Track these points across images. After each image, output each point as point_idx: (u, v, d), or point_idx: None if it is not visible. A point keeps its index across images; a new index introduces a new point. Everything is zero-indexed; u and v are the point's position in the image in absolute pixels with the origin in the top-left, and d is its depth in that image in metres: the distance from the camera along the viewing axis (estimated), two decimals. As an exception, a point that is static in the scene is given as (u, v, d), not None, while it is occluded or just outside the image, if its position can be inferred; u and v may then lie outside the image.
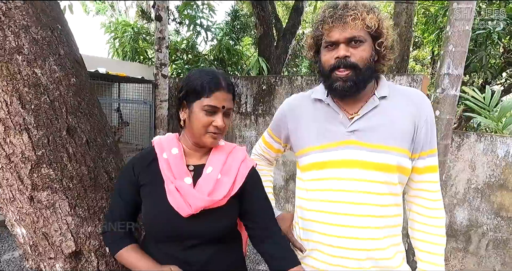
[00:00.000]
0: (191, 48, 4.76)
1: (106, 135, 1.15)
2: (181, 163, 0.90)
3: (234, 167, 0.93)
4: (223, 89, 0.86)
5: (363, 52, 0.85)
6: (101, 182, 1.08)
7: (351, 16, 0.83)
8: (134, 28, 4.65)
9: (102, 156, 1.10)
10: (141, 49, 4.79)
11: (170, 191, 0.86)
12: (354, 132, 0.90)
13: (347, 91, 0.87)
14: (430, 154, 0.92)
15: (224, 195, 0.87)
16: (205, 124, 0.86)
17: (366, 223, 0.87)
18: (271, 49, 4.40)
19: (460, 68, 1.58)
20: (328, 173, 0.92)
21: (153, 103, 3.75)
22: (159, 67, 3.65)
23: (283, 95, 3.24)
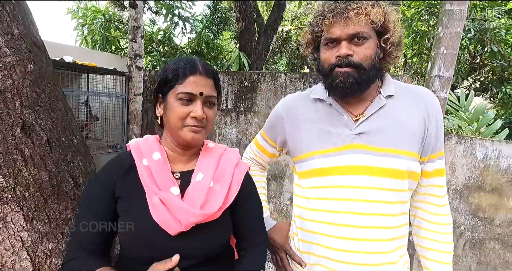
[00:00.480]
0: (168, 40, 4.50)
1: (72, 133, 0.98)
2: (165, 170, 0.76)
3: (227, 172, 0.81)
4: (200, 74, 0.73)
5: (367, 49, 0.77)
6: (65, 189, 0.91)
7: (354, 10, 0.74)
8: (105, 15, 4.30)
9: (67, 158, 0.93)
10: (113, 39, 4.46)
11: (153, 205, 0.71)
12: (360, 135, 0.82)
13: (348, 88, 0.79)
14: (440, 156, 0.86)
15: (219, 206, 0.74)
16: (181, 115, 0.73)
17: (376, 235, 0.79)
18: (252, 44, 4.28)
19: (450, 71, 1.57)
20: (332, 180, 0.83)
21: (126, 97, 3.48)
22: (133, 58, 3.39)
23: (265, 93, 3.14)
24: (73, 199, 0.93)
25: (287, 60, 8.66)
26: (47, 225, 0.86)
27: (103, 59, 3.66)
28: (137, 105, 3.57)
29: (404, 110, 0.83)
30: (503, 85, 5.87)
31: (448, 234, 0.87)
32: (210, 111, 0.76)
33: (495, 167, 2.08)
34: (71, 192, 0.93)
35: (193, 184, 0.76)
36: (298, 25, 8.51)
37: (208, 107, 0.76)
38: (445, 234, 0.87)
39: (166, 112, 0.76)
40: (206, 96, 0.74)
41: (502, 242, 2.11)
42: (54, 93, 0.93)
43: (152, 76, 4.10)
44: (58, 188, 0.89)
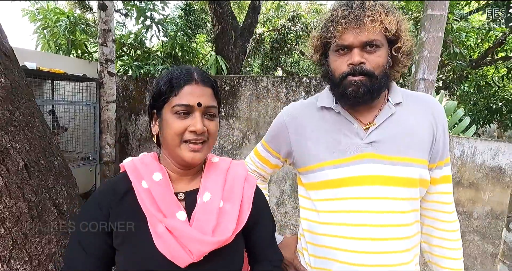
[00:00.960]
0: (140, 43, 4.30)
1: (52, 155, 0.86)
2: (168, 192, 0.68)
3: (237, 189, 0.73)
4: (196, 83, 0.66)
5: (379, 58, 0.75)
6: (48, 219, 0.80)
7: (369, 17, 0.71)
8: (70, 17, 4.00)
9: (49, 184, 0.81)
10: (79, 42, 4.17)
11: (159, 235, 0.63)
12: (372, 144, 0.79)
13: (360, 97, 0.76)
14: (447, 163, 0.86)
15: (233, 229, 0.67)
16: (178, 130, 0.65)
17: (394, 247, 0.77)
18: (229, 47, 4.21)
19: (434, 73, 1.63)
20: (345, 192, 0.80)
21: (97, 105, 3.26)
22: (104, 63, 3.18)
23: (247, 97, 3.09)
24: (58, 230, 0.82)
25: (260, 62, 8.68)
26: (27, 264, 0.74)
27: (69, 65, 3.39)
28: (110, 113, 3.36)
29: (413, 118, 0.82)
30: (462, 83, 6.33)
31: (458, 241, 0.87)
32: (211, 124, 0.68)
33: (471, 163, 2.19)
34: (55, 223, 0.81)
35: (200, 206, 0.68)
36: (270, 27, 8.57)
37: (208, 120, 0.68)
38: (456, 241, 0.87)
39: (162, 129, 0.68)
40: (205, 107, 0.66)
41: (480, 234, 2.23)
42: (29, 110, 0.81)
43: (124, 82, 3.89)
44: (39, 220, 0.77)
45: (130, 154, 4.00)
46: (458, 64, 6.04)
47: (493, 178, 2.15)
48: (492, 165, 2.14)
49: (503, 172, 2.12)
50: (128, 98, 3.87)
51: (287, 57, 8.56)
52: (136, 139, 3.88)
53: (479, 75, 6.48)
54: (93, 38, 4.26)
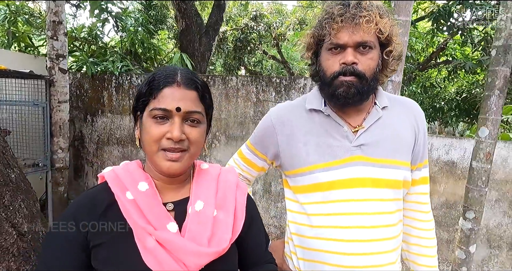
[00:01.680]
0: (95, 38, 3.96)
1: (7, 166, 0.73)
2: (156, 203, 0.62)
3: (229, 196, 0.69)
4: (177, 85, 0.60)
5: (371, 60, 0.76)
6: (5, 244, 0.67)
7: (365, 17, 0.72)
8: (10, 6, 3.54)
9: (5, 201, 0.69)
10: (22, 35, 3.71)
11: (149, 250, 0.57)
12: (360, 147, 0.80)
13: (350, 98, 0.77)
14: (425, 165, 0.91)
15: (230, 238, 0.63)
16: (154, 137, 0.59)
17: (383, 247, 0.79)
18: (194, 45, 4.07)
19: (400, 75, 1.72)
20: (336, 195, 0.80)
21: (47, 105, 2.93)
22: (55, 59, 2.87)
23: (216, 97, 3.01)
24: (17, 255, 0.69)
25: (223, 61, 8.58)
26: (-19, 299, 0.62)
27: (10, 59, 3.00)
28: (62, 114, 3.04)
29: (398, 121, 0.85)
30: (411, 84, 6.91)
31: (434, 239, 0.93)
32: (194, 131, 0.62)
33: (429, 158, 2.38)
34: (14, 247, 0.69)
35: (193, 215, 0.63)
36: (233, 26, 8.50)
37: (190, 126, 0.62)
38: (432, 239, 0.92)
39: (142, 134, 0.62)
40: (186, 112, 0.60)
41: (436, 223, 2.43)
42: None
43: (78, 80, 3.55)
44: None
45: (86, 158, 3.67)
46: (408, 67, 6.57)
47: (447, 171, 2.36)
48: (446, 159, 2.35)
49: (455, 166, 2.33)
50: (83, 97, 3.55)
51: (250, 56, 8.58)
52: (93, 142, 3.57)
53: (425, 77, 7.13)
54: (39, 31, 3.82)
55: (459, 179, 2.31)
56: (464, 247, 1.78)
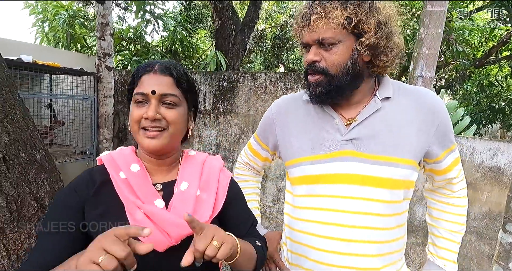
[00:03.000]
0: (139, 38, 4.27)
1: (34, 148, 0.84)
2: (146, 182, 0.69)
3: (212, 179, 0.75)
4: (154, 72, 0.68)
5: (335, 56, 0.72)
6: (27, 214, 0.78)
7: (314, 15, 0.70)
8: (68, 10, 3.98)
9: (29, 177, 0.80)
10: (78, 36, 4.15)
11: (137, 221, 0.64)
12: (352, 141, 0.77)
13: (318, 97, 0.76)
14: (447, 154, 0.81)
15: (210, 215, 0.70)
16: (135, 118, 0.67)
17: (365, 250, 0.75)
18: (229, 43, 4.17)
19: (432, 71, 1.59)
20: (320, 189, 0.78)
21: (95, 99, 3.25)
22: (102, 57, 3.16)
23: (245, 93, 3.06)
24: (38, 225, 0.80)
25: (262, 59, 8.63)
26: (5, 259, 0.73)
27: (67, 58, 3.38)
28: (107, 108, 3.34)
29: (402, 114, 0.78)
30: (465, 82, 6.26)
31: (462, 225, 0.89)
32: (170, 112, 0.68)
33: (470, 163, 2.16)
34: (35, 217, 0.80)
35: (178, 194, 0.70)
36: (272, 23, 8.50)
37: (166, 108, 0.69)
38: (460, 224, 0.88)
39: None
40: (161, 95, 0.67)
41: (477, 235, 2.20)
42: (9, 102, 0.79)
43: (123, 77, 3.86)
44: (18, 214, 0.76)
45: (128, 149, 3.99)
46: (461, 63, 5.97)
47: (492, 178, 2.12)
48: (490, 165, 2.11)
49: (502, 172, 2.08)
50: (126, 93, 3.86)
51: (289, 54, 8.50)
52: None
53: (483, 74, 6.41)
54: (92, 32, 4.24)
55: (505, 188, 2.06)
56: (503, 263, 1.60)
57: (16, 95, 0.84)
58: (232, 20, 4.41)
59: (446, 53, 5.77)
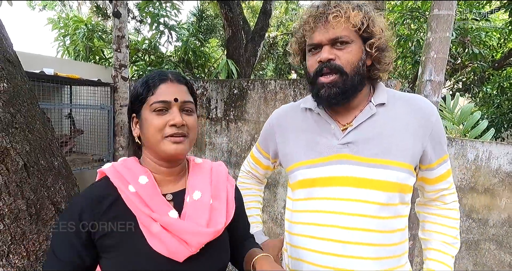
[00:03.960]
0: (154, 49, 4.43)
1: (52, 155, 0.90)
2: (156, 193, 0.69)
3: (222, 188, 0.77)
4: (171, 81, 0.70)
5: (349, 54, 0.75)
6: (46, 217, 0.84)
7: (333, 13, 0.73)
8: (88, 25, 4.19)
9: (48, 183, 0.85)
10: (97, 49, 4.35)
11: (154, 234, 0.64)
12: (348, 145, 0.79)
13: (333, 99, 0.77)
14: (439, 163, 0.83)
15: (224, 222, 0.71)
16: (159, 126, 0.67)
17: (362, 252, 0.75)
18: (240, 52, 4.25)
19: (441, 75, 1.57)
20: (317, 192, 0.80)
21: (111, 109, 3.38)
22: (118, 68, 3.30)
23: (255, 100, 3.11)
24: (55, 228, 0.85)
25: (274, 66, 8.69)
26: (25, 259, 0.78)
27: (86, 70, 3.55)
28: (123, 116, 3.47)
29: (397, 119, 0.80)
30: (484, 85, 6.06)
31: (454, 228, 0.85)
32: (190, 118, 0.71)
33: (486, 168, 2.09)
34: (52, 220, 0.85)
35: (191, 203, 0.71)
36: (284, 31, 8.58)
37: (186, 114, 0.70)
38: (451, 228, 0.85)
39: (143, 129, 0.70)
40: (182, 102, 0.69)
41: (497, 243, 2.12)
42: (31, 113, 0.86)
43: (138, 86, 4.00)
44: (37, 217, 0.81)
45: (143, 156, 4.11)
46: (479, 65, 5.80)
47: (510, 183, 2.04)
48: (509, 170, 2.04)
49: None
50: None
51: (301, 60, 8.52)
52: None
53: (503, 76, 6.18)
54: (109, 45, 4.43)
55: (526, 193, 1.98)
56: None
57: (36, 107, 0.91)
58: (243, 29, 4.50)
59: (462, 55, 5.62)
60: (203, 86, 3.38)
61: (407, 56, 5.87)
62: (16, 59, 0.87)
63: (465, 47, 4.91)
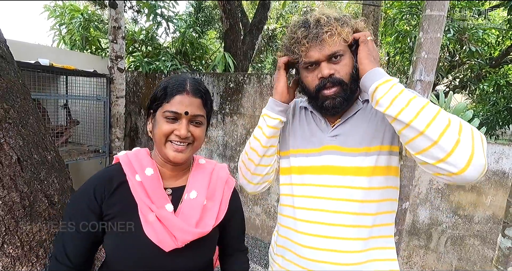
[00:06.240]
0: (151, 40, 4.39)
1: (45, 149, 0.93)
2: (158, 186, 0.75)
3: (218, 190, 0.82)
4: (187, 93, 0.74)
5: (345, 66, 0.81)
6: (39, 209, 0.87)
7: (327, 32, 0.78)
8: (84, 14, 4.14)
9: (41, 176, 0.88)
10: (93, 38, 4.31)
11: (149, 222, 0.71)
12: (336, 137, 0.87)
13: (338, 108, 0.83)
14: None
15: (213, 224, 0.76)
16: (165, 132, 0.73)
17: (345, 233, 0.82)
18: (237, 44, 4.23)
19: (431, 75, 1.60)
20: (307, 179, 0.88)
21: (107, 100, 3.38)
22: (114, 60, 3.29)
23: (251, 94, 3.12)
24: (48, 219, 0.89)
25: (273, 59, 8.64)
26: (19, 249, 0.82)
27: (82, 61, 3.53)
28: (119, 108, 3.48)
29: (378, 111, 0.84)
30: (481, 82, 6.08)
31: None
32: (197, 130, 0.76)
33: (474, 166, 2.14)
34: (45, 212, 0.88)
35: (186, 202, 0.77)
36: (283, 23, 8.51)
37: (194, 126, 0.76)
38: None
39: (154, 128, 0.76)
40: (192, 116, 0.74)
41: (481, 239, 2.18)
42: (24, 108, 0.88)
43: (134, 78, 4.00)
44: (30, 209, 0.84)
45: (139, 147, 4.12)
46: (476, 63, 5.81)
47: (496, 182, 2.10)
48: (495, 168, 2.09)
49: (507, 176, 2.06)
50: (138, 93, 3.99)
51: (300, 53, 8.46)
52: (145, 133, 4.00)
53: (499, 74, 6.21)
54: (106, 35, 4.39)
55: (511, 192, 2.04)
56: (502, 267, 1.60)
57: (29, 102, 0.92)
58: (241, 21, 4.47)
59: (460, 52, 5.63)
60: (199, 79, 3.37)
61: (405, 52, 5.87)
62: (9, 55, 0.88)
63: (463, 45, 4.92)
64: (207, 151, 3.48)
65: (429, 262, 2.37)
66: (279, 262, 0.94)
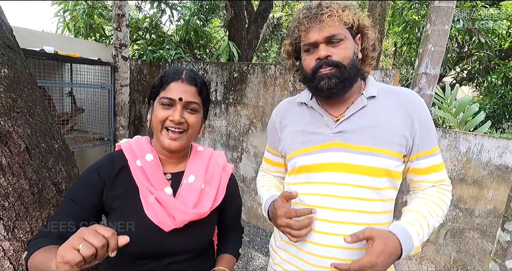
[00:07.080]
0: (155, 28, 4.35)
1: (52, 138, 0.95)
2: (158, 171, 0.79)
3: (216, 175, 0.86)
4: (182, 80, 0.77)
5: (345, 50, 0.80)
6: (47, 196, 0.90)
7: (326, 13, 0.78)
8: (88, 1, 4.10)
9: (48, 164, 0.91)
10: (97, 26, 4.28)
11: (149, 204, 0.75)
12: (340, 134, 0.85)
13: (333, 88, 0.81)
14: (429, 154, 0.86)
15: (210, 207, 0.80)
16: (160, 118, 0.76)
17: (351, 231, 0.81)
18: (242, 33, 4.18)
19: (437, 68, 1.58)
20: (312, 177, 0.87)
21: (112, 88, 3.39)
22: (118, 48, 3.28)
23: (255, 84, 3.11)
24: (56, 206, 0.92)
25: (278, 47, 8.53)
26: (29, 234, 0.85)
27: (86, 48, 3.52)
28: (123, 96, 3.49)
29: (386, 111, 0.85)
30: (489, 74, 5.97)
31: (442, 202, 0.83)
32: (191, 117, 0.78)
33: (477, 160, 2.14)
34: (53, 199, 0.91)
35: (185, 185, 0.80)
36: (289, 11, 8.35)
37: (189, 113, 0.78)
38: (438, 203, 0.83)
39: (152, 116, 0.80)
40: (186, 102, 0.77)
41: (480, 232, 2.20)
42: (31, 97, 0.89)
43: (138, 66, 3.99)
44: (39, 196, 0.87)
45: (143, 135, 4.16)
46: (485, 54, 5.69)
47: (499, 176, 2.09)
48: (498, 163, 2.09)
49: (510, 171, 2.05)
50: (142, 82, 3.99)
51: (305, 42, 8.33)
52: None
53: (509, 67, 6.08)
54: (110, 22, 4.35)
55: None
56: (500, 261, 1.62)
57: (36, 91, 0.94)
58: (246, 9, 4.39)
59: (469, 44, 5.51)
60: (203, 68, 3.37)
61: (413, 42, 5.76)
62: (15, 44, 0.89)
63: (472, 36, 4.80)
64: (210, 140, 3.51)
65: (428, 253, 2.40)
66: (283, 256, 0.94)
